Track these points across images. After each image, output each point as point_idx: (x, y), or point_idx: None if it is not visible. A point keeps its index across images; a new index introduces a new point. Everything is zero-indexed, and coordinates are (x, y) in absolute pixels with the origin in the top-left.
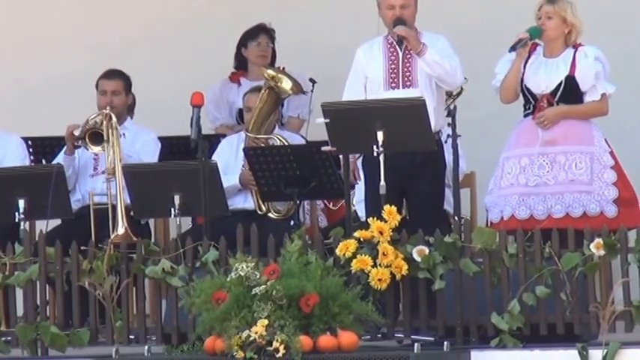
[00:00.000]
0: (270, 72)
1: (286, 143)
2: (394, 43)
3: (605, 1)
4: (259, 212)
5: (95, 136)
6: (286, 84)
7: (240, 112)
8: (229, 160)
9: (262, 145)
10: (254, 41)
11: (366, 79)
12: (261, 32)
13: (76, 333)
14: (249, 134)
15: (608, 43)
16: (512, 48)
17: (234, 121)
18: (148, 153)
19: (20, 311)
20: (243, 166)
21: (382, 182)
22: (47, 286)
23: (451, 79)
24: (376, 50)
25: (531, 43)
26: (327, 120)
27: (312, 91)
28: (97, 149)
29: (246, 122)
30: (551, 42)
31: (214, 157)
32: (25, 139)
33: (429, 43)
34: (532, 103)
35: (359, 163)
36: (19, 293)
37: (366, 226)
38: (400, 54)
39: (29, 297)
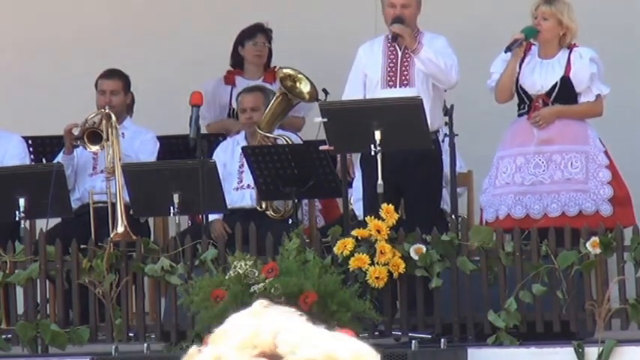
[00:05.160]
0: (289, 71)
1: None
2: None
3: (598, 1)
4: (259, 209)
5: (93, 135)
6: (305, 86)
7: (233, 112)
8: (225, 165)
9: (269, 143)
10: (251, 40)
11: (365, 77)
12: (258, 32)
13: (75, 331)
14: (260, 131)
15: (600, 43)
16: (508, 49)
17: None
18: (147, 153)
19: (20, 309)
20: (239, 167)
21: (380, 181)
22: (47, 284)
23: (445, 78)
24: (376, 49)
25: (526, 43)
26: (325, 119)
27: (325, 100)
28: (95, 148)
29: (260, 120)
30: (546, 43)
31: None
32: (26, 139)
33: (429, 43)
34: (527, 103)
35: (355, 159)
36: (20, 291)
37: (363, 224)
38: (399, 53)
39: (29, 295)
